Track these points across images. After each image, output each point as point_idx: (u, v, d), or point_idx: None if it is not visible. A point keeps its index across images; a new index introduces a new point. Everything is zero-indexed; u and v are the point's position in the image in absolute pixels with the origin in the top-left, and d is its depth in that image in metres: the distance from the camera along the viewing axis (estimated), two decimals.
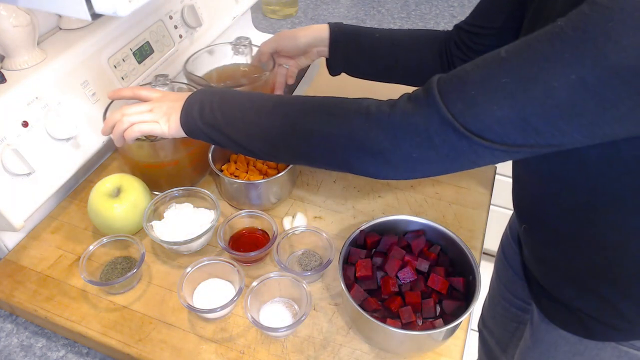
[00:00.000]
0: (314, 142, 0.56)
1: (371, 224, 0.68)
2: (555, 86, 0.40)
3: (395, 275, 0.65)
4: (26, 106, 0.72)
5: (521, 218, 0.68)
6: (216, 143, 0.63)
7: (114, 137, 0.69)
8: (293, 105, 0.59)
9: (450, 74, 0.48)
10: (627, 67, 0.37)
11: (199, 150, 0.81)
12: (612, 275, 0.58)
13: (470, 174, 0.87)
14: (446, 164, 0.50)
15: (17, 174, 0.70)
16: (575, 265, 0.61)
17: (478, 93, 0.45)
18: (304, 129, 0.57)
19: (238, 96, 0.63)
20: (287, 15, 1.44)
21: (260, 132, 0.60)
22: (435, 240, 0.69)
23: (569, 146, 0.45)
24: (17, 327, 0.70)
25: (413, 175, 0.53)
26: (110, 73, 0.85)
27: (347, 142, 0.54)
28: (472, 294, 0.61)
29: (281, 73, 0.89)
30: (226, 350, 0.63)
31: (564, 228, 0.59)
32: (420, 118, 0.48)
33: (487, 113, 0.44)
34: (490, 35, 0.71)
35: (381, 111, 0.52)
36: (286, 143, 0.59)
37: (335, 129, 0.54)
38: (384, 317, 0.61)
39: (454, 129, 0.46)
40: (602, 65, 0.38)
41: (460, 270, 0.66)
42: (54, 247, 0.75)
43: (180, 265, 0.73)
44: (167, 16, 0.96)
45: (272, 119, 0.59)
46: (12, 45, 0.73)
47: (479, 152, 0.47)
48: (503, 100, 0.43)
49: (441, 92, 0.47)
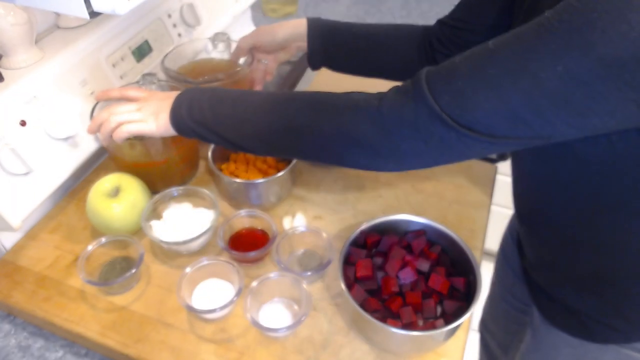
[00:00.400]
0: (305, 138, 0.57)
1: (371, 224, 0.68)
2: (543, 77, 0.40)
3: (396, 276, 0.64)
4: (24, 105, 0.71)
5: (521, 219, 0.68)
6: (207, 140, 0.64)
7: (102, 136, 0.69)
8: (282, 101, 0.59)
9: (439, 66, 0.48)
10: (614, 58, 0.37)
11: (188, 147, 0.81)
12: (613, 276, 0.58)
13: (471, 174, 0.87)
14: (436, 155, 0.50)
15: (14, 174, 0.70)
16: (575, 266, 0.61)
17: (466, 85, 0.45)
18: (294, 124, 0.57)
19: (227, 94, 0.63)
20: (286, 14, 1.43)
21: (251, 129, 0.60)
22: (435, 240, 0.68)
23: (558, 138, 0.44)
24: (15, 327, 0.69)
25: (404, 167, 0.54)
26: (109, 72, 0.84)
27: (337, 136, 0.54)
28: (473, 294, 0.60)
29: (260, 69, 0.89)
30: (226, 350, 0.63)
31: (564, 229, 0.59)
32: (409, 110, 0.48)
33: (475, 105, 0.44)
34: (474, 31, 0.71)
35: (370, 104, 0.52)
36: (277, 139, 0.59)
37: (325, 123, 0.55)
38: (385, 318, 0.61)
39: (442, 120, 0.46)
40: (589, 56, 0.38)
41: (461, 270, 0.65)
42: (52, 247, 0.75)
43: (180, 265, 0.72)
44: (166, 15, 0.95)
45: (261, 115, 0.59)
46: (10, 43, 0.72)
47: (467, 144, 0.47)
48: (490, 92, 0.43)
49: (429, 84, 0.47)
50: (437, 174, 0.87)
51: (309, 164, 0.88)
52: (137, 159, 0.77)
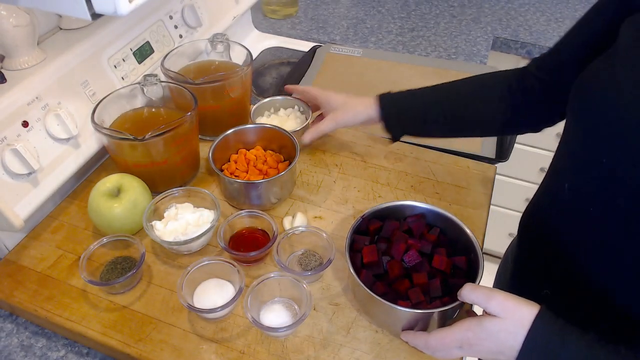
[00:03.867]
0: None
1: (372, 210, 0.70)
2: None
3: (401, 259, 0.66)
4: (26, 106, 0.72)
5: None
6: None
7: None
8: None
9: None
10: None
11: (189, 148, 0.81)
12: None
13: (470, 174, 0.87)
14: None
15: (17, 174, 0.70)
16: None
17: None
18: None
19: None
20: (287, 15, 1.44)
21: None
22: (434, 223, 0.71)
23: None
24: (17, 327, 0.70)
25: None
26: (111, 73, 0.85)
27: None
28: (475, 272, 0.62)
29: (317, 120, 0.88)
30: (226, 350, 0.63)
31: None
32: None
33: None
34: (571, 67, 0.63)
35: None
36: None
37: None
38: (394, 300, 0.62)
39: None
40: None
41: (460, 249, 0.67)
42: (54, 247, 0.75)
43: (181, 265, 0.73)
44: (167, 16, 0.96)
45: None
46: (12, 45, 0.73)
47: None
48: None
49: None
50: (437, 174, 0.87)
51: (309, 164, 0.89)
52: (138, 160, 0.77)
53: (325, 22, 1.42)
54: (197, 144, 0.85)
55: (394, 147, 0.92)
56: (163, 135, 0.73)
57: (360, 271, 0.64)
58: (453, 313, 0.63)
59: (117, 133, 0.73)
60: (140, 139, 0.72)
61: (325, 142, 0.93)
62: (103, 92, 0.82)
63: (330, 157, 0.91)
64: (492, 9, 1.47)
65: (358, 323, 0.66)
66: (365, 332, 0.65)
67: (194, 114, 0.78)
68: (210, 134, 0.93)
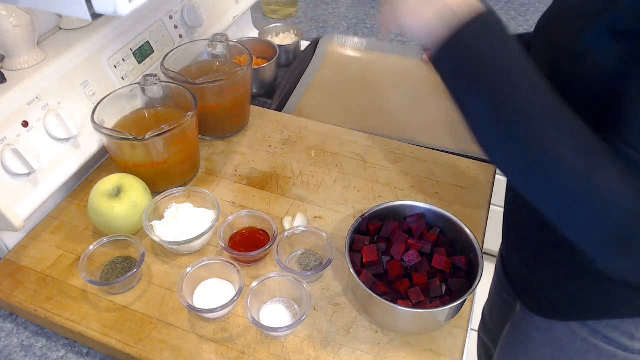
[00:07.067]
0: (559, 176, 0.43)
1: (372, 211, 0.70)
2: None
3: (401, 259, 0.66)
4: (26, 106, 0.72)
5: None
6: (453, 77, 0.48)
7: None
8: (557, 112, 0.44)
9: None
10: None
11: (188, 149, 0.81)
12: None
13: (470, 174, 0.87)
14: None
15: (17, 174, 0.70)
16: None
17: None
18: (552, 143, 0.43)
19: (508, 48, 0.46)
20: (287, 15, 1.44)
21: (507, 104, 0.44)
22: (433, 223, 0.71)
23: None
24: (17, 327, 0.70)
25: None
26: (111, 73, 0.85)
27: (601, 211, 0.42)
28: (475, 272, 0.62)
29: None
30: (226, 350, 0.63)
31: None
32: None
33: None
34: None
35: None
36: (523, 143, 0.44)
37: (594, 181, 0.42)
38: (394, 300, 0.62)
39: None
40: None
41: (460, 249, 0.68)
42: (54, 247, 0.75)
43: (181, 265, 0.73)
44: (167, 16, 0.96)
45: (532, 99, 0.44)
46: (12, 45, 0.73)
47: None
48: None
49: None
50: (437, 174, 0.87)
51: (309, 164, 0.89)
52: (138, 160, 0.77)
53: (325, 22, 1.42)
54: (197, 144, 0.85)
55: (394, 147, 0.92)
56: (163, 135, 0.73)
57: (360, 271, 0.64)
58: (453, 313, 0.63)
59: (117, 133, 0.74)
60: (140, 139, 0.72)
61: (325, 142, 0.93)
62: (103, 92, 0.82)
63: (330, 157, 0.91)
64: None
65: (358, 323, 0.66)
66: (365, 332, 0.65)
67: (194, 114, 0.78)
68: (210, 134, 0.93)
